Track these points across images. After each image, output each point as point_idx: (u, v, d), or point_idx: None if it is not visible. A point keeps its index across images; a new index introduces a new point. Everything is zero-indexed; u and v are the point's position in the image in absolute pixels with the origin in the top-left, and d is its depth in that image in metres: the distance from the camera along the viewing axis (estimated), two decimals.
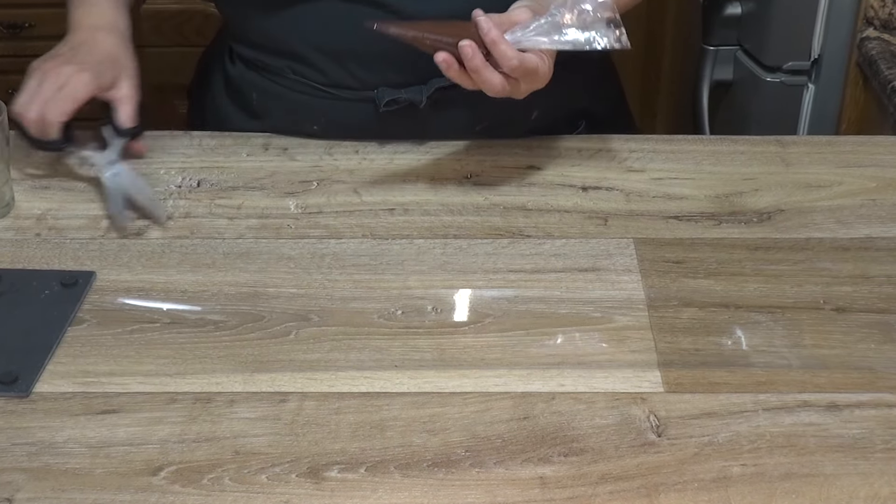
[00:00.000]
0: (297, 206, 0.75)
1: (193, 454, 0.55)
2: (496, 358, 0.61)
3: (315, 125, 0.81)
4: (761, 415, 0.57)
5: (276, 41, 0.79)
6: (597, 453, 0.55)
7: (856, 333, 0.63)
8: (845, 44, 1.12)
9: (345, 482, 0.53)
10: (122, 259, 0.69)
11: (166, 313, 0.65)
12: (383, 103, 0.77)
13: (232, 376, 0.60)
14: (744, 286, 0.67)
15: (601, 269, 0.68)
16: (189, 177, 0.78)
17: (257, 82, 0.82)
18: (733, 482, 0.53)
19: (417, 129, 0.80)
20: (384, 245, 0.71)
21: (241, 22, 0.81)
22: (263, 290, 0.66)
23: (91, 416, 0.57)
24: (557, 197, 0.76)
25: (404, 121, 0.79)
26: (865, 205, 0.75)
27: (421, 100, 0.77)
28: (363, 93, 0.78)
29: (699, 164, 0.79)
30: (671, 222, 0.73)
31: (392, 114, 0.78)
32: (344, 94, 0.79)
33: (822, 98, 1.15)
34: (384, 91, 0.77)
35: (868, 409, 0.58)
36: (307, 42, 0.77)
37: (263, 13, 0.77)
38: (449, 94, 0.77)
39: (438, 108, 0.78)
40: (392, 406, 0.58)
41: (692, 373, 0.60)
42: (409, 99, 0.77)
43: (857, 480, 0.53)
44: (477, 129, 0.81)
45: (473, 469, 0.54)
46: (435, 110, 0.78)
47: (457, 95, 0.75)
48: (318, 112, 0.80)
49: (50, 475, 0.53)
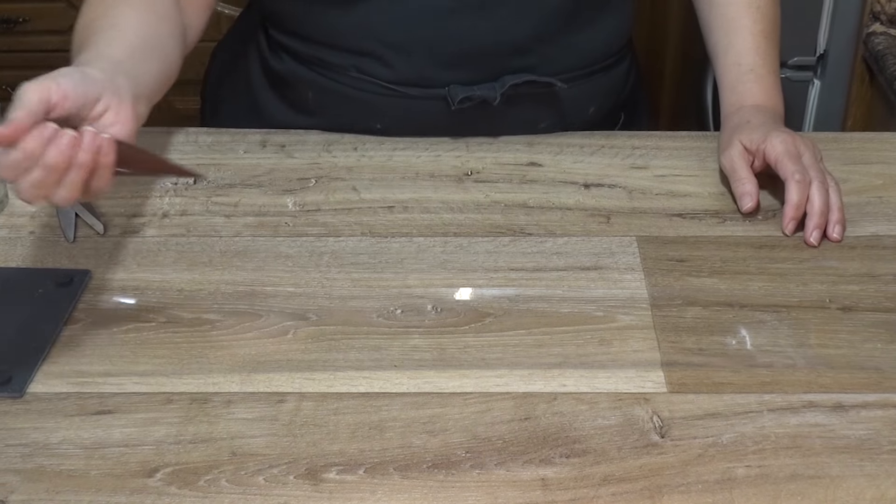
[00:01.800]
0: (294, 203, 0.74)
1: (190, 455, 0.54)
2: (497, 358, 0.61)
3: (378, 123, 0.79)
4: (766, 415, 0.56)
5: (341, 37, 0.76)
6: (599, 454, 0.54)
7: (862, 333, 0.62)
8: (851, 39, 1.11)
9: (343, 484, 0.53)
10: (118, 257, 0.69)
11: (162, 312, 0.64)
12: (457, 101, 0.75)
13: (229, 376, 0.59)
14: (748, 285, 0.66)
15: (603, 267, 0.68)
16: None
17: (312, 79, 0.79)
18: (738, 484, 0.52)
19: (486, 126, 0.79)
20: (383, 243, 0.70)
21: (302, 17, 0.77)
22: (261, 289, 0.66)
23: (86, 416, 0.56)
24: (559, 194, 0.75)
25: (473, 118, 0.78)
26: (872, 202, 0.74)
27: (495, 97, 0.75)
28: (432, 90, 0.76)
29: (703, 160, 0.79)
30: (675, 220, 0.73)
31: (462, 111, 0.76)
32: (411, 92, 0.77)
33: (828, 94, 1.14)
34: (456, 88, 0.75)
35: (874, 409, 0.57)
36: (376, 38, 0.75)
37: (333, 9, 0.75)
38: (519, 90, 0.76)
39: (508, 104, 0.77)
40: (391, 406, 0.57)
41: (696, 373, 0.59)
42: (482, 96, 0.76)
43: (864, 482, 0.53)
44: (541, 126, 0.81)
45: (474, 470, 0.53)
46: (504, 107, 0.77)
47: (526, 92, 0.76)
48: (381, 110, 0.78)
49: (44, 477, 0.53)
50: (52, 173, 0.54)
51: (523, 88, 0.76)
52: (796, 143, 0.72)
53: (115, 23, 0.65)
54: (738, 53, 0.78)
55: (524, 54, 0.76)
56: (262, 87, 0.83)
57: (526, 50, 0.76)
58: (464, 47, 0.74)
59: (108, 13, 0.66)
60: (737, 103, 0.77)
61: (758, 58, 0.78)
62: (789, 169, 0.70)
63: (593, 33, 0.79)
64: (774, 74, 0.79)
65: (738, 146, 0.73)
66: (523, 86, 0.76)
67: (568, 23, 0.76)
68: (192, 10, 0.74)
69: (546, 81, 0.76)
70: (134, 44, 0.64)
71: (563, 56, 0.78)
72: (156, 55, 0.67)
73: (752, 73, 0.77)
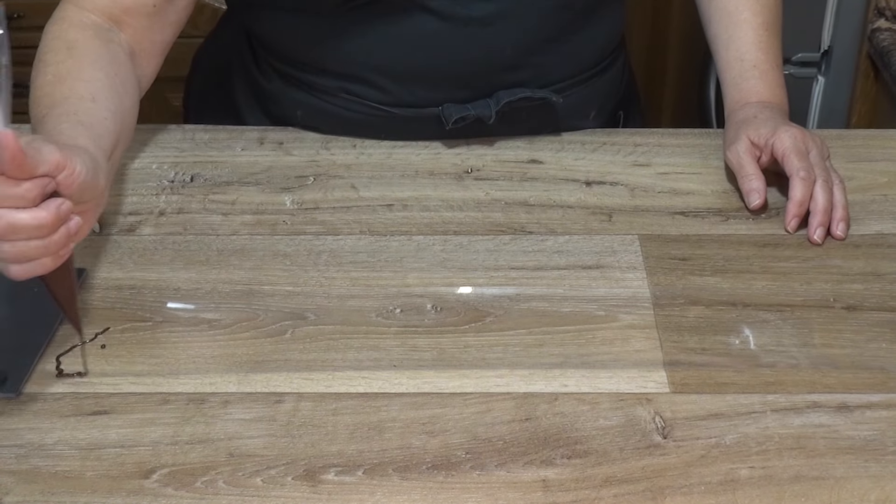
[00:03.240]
0: (293, 201, 0.74)
1: (187, 456, 0.54)
2: (497, 357, 0.60)
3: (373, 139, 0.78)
4: (770, 416, 0.56)
5: (329, 63, 0.75)
6: (601, 455, 0.54)
7: (867, 332, 0.62)
8: (856, 35, 1.11)
9: (342, 485, 0.52)
10: (114, 256, 0.68)
11: (159, 312, 0.63)
12: (451, 122, 0.74)
13: (226, 376, 0.59)
14: (752, 284, 0.66)
15: (605, 266, 0.67)
16: (182, 171, 0.77)
17: (302, 99, 0.78)
18: (741, 485, 0.52)
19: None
20: (382, 242, 0.69)
21: (288, 42, 0.76)
22: (258, 288, 0.65)
23: (81, 417, 0.56)
24: (560, 192, 0.74)
25: (469, 135, 0.77)
26: (877, 200, 0.74)
27: (490, 115, 0.75)
28: (426, 110, 0.75)
29: (706, 158, 0.78)
30: (677, 218, 0.72)
31: (457, 129, 0.75)
32: (405, 113, 0.76)
33: (832, 90, 1.14)
34: (450, 108, 0.75)
35: (879, 409, 0.57)
36: (365, 63, 0.74)
37: (319, 35, 0.73)
38: (514, 106, 0.75)
39: (504, 120, 0.76)
40: (390, 407, 0.57)
41: (699, 373, 0.59)
42: (477, 115, 0.75)
43: (868, 483, 0.52)
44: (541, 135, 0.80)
45: (474, 472, 0.53)
46: (500, 123, 0.76)
47: (522, 107, 0.75)
48: (374, 129, 0.77)
49: (39, 478, 0.53)
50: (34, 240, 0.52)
51: (519, 103, 0.75)
52: (805, 139, 0.71)
53: (94, 94, 0.63)
54: (739, 48, 0.77)
55: (517, 69, 0.75)
56: (248, 104, 0.82)
57: (519, 65, 0.75)
58: (454, 68, 0.73)
59: (83, 76, 0.64)
60: (741, 100, 0.76)
61: (760, 53, 0.77)
62: (795, 165, 0.70)
63: (587, 40, 0.77)
64: (778, 69, 0.78)
65: (744, 141, 0.72)
66: (519, 101, 0.75)
67: (560, 32, 0.75)
68: (146, 61, 0.72)
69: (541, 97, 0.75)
70: (111, 126, 0.63)
71: (557, 65, 0.77)
72: (125, 131, 0.67)
73: (756, 70, 0.77)
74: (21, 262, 0.53)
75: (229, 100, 0.84)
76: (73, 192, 0.54)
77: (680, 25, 1.48)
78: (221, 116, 0.83)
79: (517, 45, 0.74)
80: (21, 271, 0.53)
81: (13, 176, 0.51)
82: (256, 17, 0.78)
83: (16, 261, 0.53)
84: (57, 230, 0.53)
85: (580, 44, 0.77)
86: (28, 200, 0.52)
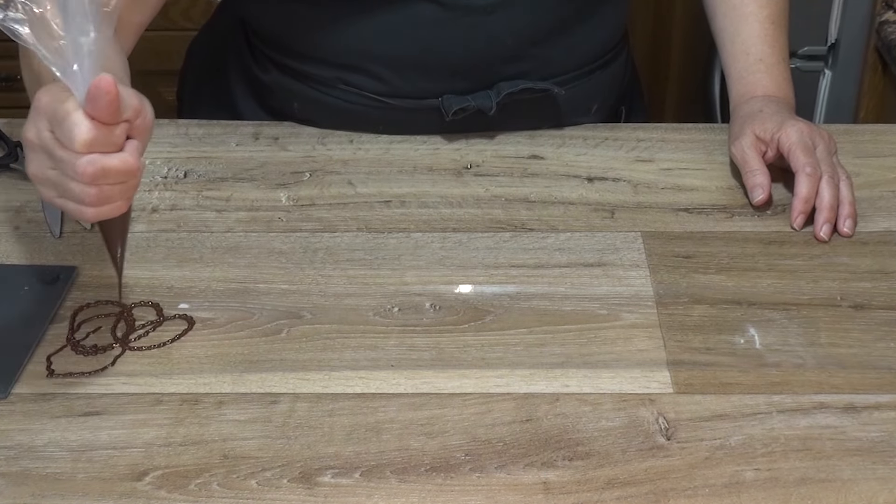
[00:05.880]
0: (288, 198, 0.73)
1: (180, 458, 0.53)
2: (497, 357, 0.59)
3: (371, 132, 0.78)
4: (775, 417, 0.55)
5: (327, 53, 0.74)
6: (603, 457, 0.53)
7: (874, 331, 0.61)
8: (863, 28, 1.10)
9: (339, 487, 0.52)
10: (106, 254, 0.67)
11: (151, 310, 0.63)
12: (451, 113, 0.73)
13: (220, 376, 0.58)
14: (757, 282, 0.65)
15: (607, 263, 0.66)
16: (175, 167, 0.76)
17: (298, 90, 0.77)
18: (746, 487, 0.51)
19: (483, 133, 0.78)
20: (380, 239, 0.69)
21: (285, 32, 0.75)
22: (253, 286, 0.65)
23: (72, 418, 0.55)
24: (562, 188, 0.74)
25: (470, 126, 0.76)
26: (885, 196, 0.73)
27: (490, 106, 0.74)
28: (425, 101, 0.75)
29: (710, 153, 0.78)
30: (681, 215, 0.71)
31: (457, 120, 0.75)
32: (404, 104, 0.75)
33: (840, 85, 1.13)
34: (450, 99, 0.74)
35: (887, 410, 0.56)
36: (364, 53, 0.73)
37: (318, 25, 0.73)
38: (515, 97, 0.75)
39: (505, 112, 0.75)
40: (388, 408, 0.56)
41: (703, 373, 0.58)
42: (477, 106, 0.74)
43: (876, 486, 0.52)
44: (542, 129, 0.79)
45: (473, 474, 0.52)
46: (501, 114, 0.75)
47: (523, 98, 0.75)
48: (372, 121, 0.77)
49: (29, 480, 0.52)
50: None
51: (520, 95, 0.74)
52: (811, 134, 0.71)
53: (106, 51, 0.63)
54: (745, 42, 0.76)
55: (518, 61, 0.74)
56: (244, 96, 0.81)
57: (520, 56, 0.74)
58: (454, 58, 0.72)
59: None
60: (746, 94, 0.76)
61: (766, 46, 0.76)
62: (801, 161, 0.69)
63: (590, 32, 0.77)
64: (784, 63, 0.77)
65: (750, 136, 0.72)
66: (520, 92, 0.74)
67: (562, 24, 0.74)
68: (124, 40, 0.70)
69: (543, 88, 0.75)
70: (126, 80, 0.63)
71: (559, 58, 0.76)
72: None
73: (762, 63, 0.76)
74: (100, 206, 0.53)
75: (224, 92, 0.83)
76: (145, 138, 0.54)
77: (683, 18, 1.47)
78: (216, 108, 0.83)
79: (518, 35, 0.73)
80: (96, 214, 0.53)
81: (107, 121, 0.51)
82: (252, 6, 0.77)
83: (97, 203, 0.53)
84: (138, 174, 0.54)
85: (583, 36, 0.76)
86: (117, 146, 0.52)
